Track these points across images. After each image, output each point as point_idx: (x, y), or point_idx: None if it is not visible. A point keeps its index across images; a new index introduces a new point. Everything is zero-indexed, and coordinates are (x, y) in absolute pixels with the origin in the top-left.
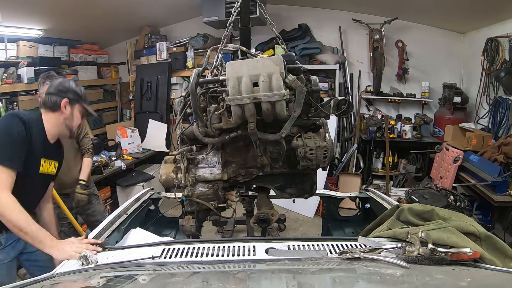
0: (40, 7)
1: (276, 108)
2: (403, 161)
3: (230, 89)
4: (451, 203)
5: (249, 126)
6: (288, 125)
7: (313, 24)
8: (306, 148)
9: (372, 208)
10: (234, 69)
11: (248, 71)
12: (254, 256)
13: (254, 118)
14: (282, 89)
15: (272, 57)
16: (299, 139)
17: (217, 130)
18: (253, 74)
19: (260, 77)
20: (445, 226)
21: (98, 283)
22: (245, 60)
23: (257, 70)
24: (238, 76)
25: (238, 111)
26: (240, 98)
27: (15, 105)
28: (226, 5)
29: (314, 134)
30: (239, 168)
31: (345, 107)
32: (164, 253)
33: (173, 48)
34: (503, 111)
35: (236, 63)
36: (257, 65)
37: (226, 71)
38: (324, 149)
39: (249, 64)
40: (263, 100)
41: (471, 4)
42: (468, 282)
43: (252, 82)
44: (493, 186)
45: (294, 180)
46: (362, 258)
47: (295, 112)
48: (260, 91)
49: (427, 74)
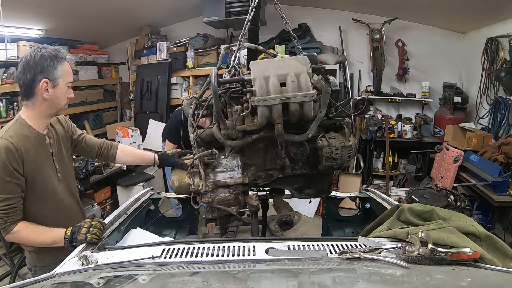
0: (41, 7)
1: (304, 109)
2: (403, 161)
3: (258, 89)
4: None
5: (277, 127)
6: (314, 125)
7: (313, 24)
8: (332, 148)
9: (372, 208)
10: (260, 68)
11: (275, 71)
12: (254, 256)
13: (281, 119)
14: (311, 89)
15: (297, 57)
16: (323, 139)
17: (239, 132)
18: (280, 73)
19: (288, 77)
20: (445, 226)
21: (98, 283)
22: (269, 60)
23: (284, 70)
24: (265, 75)
25: (266, 111)
26: (269, 99)
27: (15, 105)
28: (226, 5)
29: (337, 134)
30: (258, 171)
31: (363, 106)
32: (164, 253)
33: (173, 48)
34: (503, 111)
35: (261, 63)
36: (283, 65)
37: (251, 70)
38: (349, 149)
39: (275, 63)
40: (293, 101)
41: (471, 4)
42: (468, 282)
43: (280, 82)
44: (493, 186)
45: (313, 181)
46: (362, 258)
47: (321, 113)
48: (289, 91)
49: (427, 74)
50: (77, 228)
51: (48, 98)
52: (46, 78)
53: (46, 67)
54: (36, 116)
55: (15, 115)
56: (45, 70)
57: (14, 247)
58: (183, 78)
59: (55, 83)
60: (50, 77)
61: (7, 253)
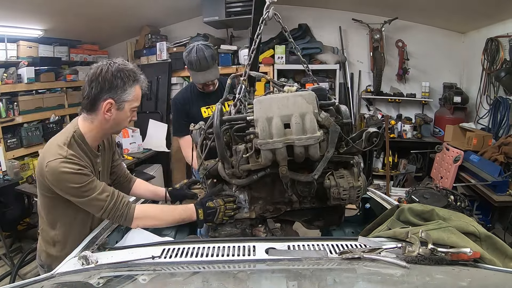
0: (41, 7)
1: (309, 151)
2: (403, 161)
3: (260, 132)
4: (451, 203)
5: (281, 169)
6: (321, 166)
7: (313, 24)
8: (339, 189)
9: (372, 208)
10: (263, 108)
11: (279, 111)
12: (254, 256)
13: (285, 161)
14: (316, 131)
15: (304, 94)
16: (331, 178)
17: (244, 172)
18: (284, 114)
19: (292, 118)
20: (445, 226)
21: (98, 283)
22: (273, 97)
23: (289, 110)
24: (268, 116)
25: (269, 154)
26: (272, 142)
27: (15, 105)
28: (226, 5)
29: (347, 172)
30: (266, 204)
31: (377, 140)
32: (164, 253)
33: (173, 48)
34: (503, 111)
35: (265, 101)
36: (288, 104)
37: (254, 110)
38: (357, 189)
39: (279, 102)
40: (297, 144)
41: (471, 4)
42: (468, 282)
43: (284, 123)
44: (494, 186)
45: (323, 213)
46: (362, 258)
47: (328, 153)
48: (293, 134)
49: (427, 74)
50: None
51: (109, 119)
52: (112, 99)
53: (115, 87)
54: (93, 130)
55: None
56: (114, 90)
57: (14, 247)
58: (183, 78)
59: (120, 106)
60: (117, 99)
61: (7, 253)
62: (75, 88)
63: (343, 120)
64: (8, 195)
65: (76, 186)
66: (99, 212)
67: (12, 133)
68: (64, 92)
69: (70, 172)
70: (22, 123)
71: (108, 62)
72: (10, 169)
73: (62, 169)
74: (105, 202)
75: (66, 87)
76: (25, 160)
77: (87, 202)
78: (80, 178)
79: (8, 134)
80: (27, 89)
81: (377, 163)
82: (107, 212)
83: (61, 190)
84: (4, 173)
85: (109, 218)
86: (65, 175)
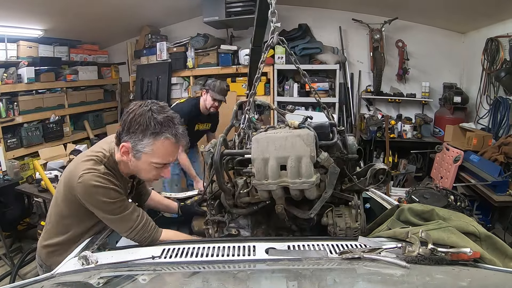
0: (41, 7)
1: (305, 193)
2: (403, 161)
3: (256, 172)
4: (451, 203)
5: (277, 207)
6: (318, 206)
7: (313, 24)
8: (336, 228)
9: (372, 208)
10: (260, 147)
11: (276, 152)
12: (254, 256)
13: (282, 200)
14: (312, 176)
15: (302, 135)
16: (329, 215)
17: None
18: (280, 156)
19: (288, 161)
20: (445, 226)
21: (98, 283)
22: (271, 137)
23: (286, 151)
24: (264, 157)
25: (265, 193)
26: (266, 184)
27: (15, 105)
28: (226, 5)
29: (346, 210)
30: (269, 229)
31: (383, 177)
32: (164, 253)
33: (173, 48)
34: (503, 111)
35: (263, 140)
36: (285, 145)
37: (252, 148)
38: (354, 230)
39: (277, 142)
40: (291, 188)
41: (471, 4)
42: (468, 282)
43: (280, 165)
44: (494, 186)
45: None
46: (362, 258)
47: (326, 193)
48: (288, 176)
49: (427, 74)
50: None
51: (127, 162)
52: (128, 144)
53: (133, 133)
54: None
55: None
56: (131, 134)
57: (14, 247)
58: (183, 78)
59: (136, 154)
60: (133, 146)
61: (7, 253)
62: (75, 88)
63: (348, 155)
64: (8, 195)
65: (109, 201)
66: (127, 232)
67: (12, 133)
68: (64, 92)
69: (105, 187)
70: (22, 123)
71: (144, 103)
72: (10, 169)
73: (97, 183)
74: (135, 222)
75: (66, 87)
76: (25, 160)
77: (117, 220)
78: (114, 194)
79: (8, 134)
80: (27, 89)
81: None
82: (135, 232)
83: (91, 204)
84: (4, 173)
85: (135, 238)
86: (99, 189)
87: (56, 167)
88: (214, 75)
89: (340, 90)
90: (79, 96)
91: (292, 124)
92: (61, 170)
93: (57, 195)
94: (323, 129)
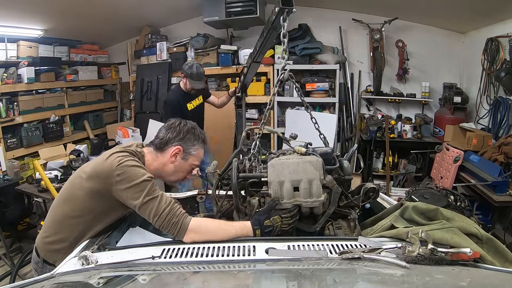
0: (41, 7)
1: (314, 210)
2: (403, 161)
3: (273, 193)
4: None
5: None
6: (323, 220)
7: (313, 24)
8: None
9: (372, 208)
10: (276, 171)
11: (290, 176)
12: (254, 256)
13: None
14: (321, 195)
15: (312, 161)
16: (330, 228)
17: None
18: (294, 179)
19: (301, 183)
20: (448, 227)
21: (98, 283)
22: (285, 162)
23: (298, 175)
24: (280, 180)
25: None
26: (282, 203)
27: (15, 105)
28: (226, 5)
29: (345, 223)
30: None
31: (373, 194)
32: (164, 253)
33: (173, 48)
34: (503, 111)
35: (278, 166)
36: (298, 170)
37: (268, 172)
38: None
39: (290, 167)
40: (304, 205)
41: (471, 4)
42: (468, 282)
43: (293, 187)
44: (493, 186)
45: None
46: (362, 258)
47: (330, 210)
48: (301, 196)
49: (427, 74)
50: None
51: (172, 164)
52: (181, 147)
53: (188, 140)
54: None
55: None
56: (186, 141)
57: (14, 247)
58: None
59: (185, 156)
60: (185, 149)
61: (7, 253)
62: (75, 88)
63: (345, 176)
64: (8, 195)
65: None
66: (154, 217)
67: (12, 133)
68: (64, 92)
69: (138, 165)
70: (22, 123)
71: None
72: (10, 169)
73: (129, 162)
74: (163, 206)
75: (66, 87)
76: (25, 160)
77: (145, 204)
78: (145, 172)
79: (8, 134)
80: (27, 89)
81: (377, 163)
82: (163, 217)
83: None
84: (4, 173)
85: (162, 225)
86: (131, 168)
87: (56, 167)
88: (214, 75)
89: (340, 90)
90: (79, 96)
91: (299, 150)
92: (61, 170)
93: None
94: (327, 155)
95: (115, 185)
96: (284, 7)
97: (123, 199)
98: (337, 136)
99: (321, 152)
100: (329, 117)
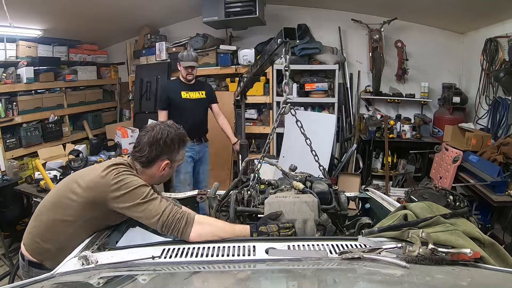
0: (40, 7)
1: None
2: (402, 161)
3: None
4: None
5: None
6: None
7: (312, 24)
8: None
9: (372, 208)
10: (272, 210)
11: (286, 215)
12: (254, 256)
13: None
14: (315, 234)
15: (309, 201)
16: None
17: None
18: (289, 218)
19: (295, 223)
20: (452, 229)
21: (98, 283)
22: (282, 201)
23: (294, 215)
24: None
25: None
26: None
27: (15, 105)
28: (226, 5)
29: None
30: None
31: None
32: (164, 253)
33: (172, 48)
34: (502, 111)
35: (275, 204)
36: (293, 209)
37: (265, 210)
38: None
39: (286, 206)
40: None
41: (470, 4)
42: (468, 282)
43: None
44: (493, 186)
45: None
46: (362, 258)
47: None
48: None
49: (426, 74)
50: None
51: (160, 175)
52: (169, 160)
53: (173, 151)
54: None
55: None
56: (171, 153)
57: (13, 247)
58: None
59: (173, 165)
60: (172, 160)
61: (6, 253)
62: (74, 88)
63: (341, 212)
64: (7, 195)
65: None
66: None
67: (11, 133)
68: (63, 92)
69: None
70: (21, 123)
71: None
72: (9, 169)
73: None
74: (165, 204)
75: (65, 87)
76: (24, 160)
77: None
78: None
79: (7, 134)
80: (26, 89)
81: (376, 163)
82: (166, 214)
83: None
84: (3, 173)
85: (166, 222)
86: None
87: (55, 167)
88: (213, 75)
89: (339, 90)
90: (78, 96)
91: (297, 186)
92: (60, 170)
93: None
94: (325, 194)
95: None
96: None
97: (120, 208)
98: (336, 136)
99: (318, 191)
100: (328, 117)
